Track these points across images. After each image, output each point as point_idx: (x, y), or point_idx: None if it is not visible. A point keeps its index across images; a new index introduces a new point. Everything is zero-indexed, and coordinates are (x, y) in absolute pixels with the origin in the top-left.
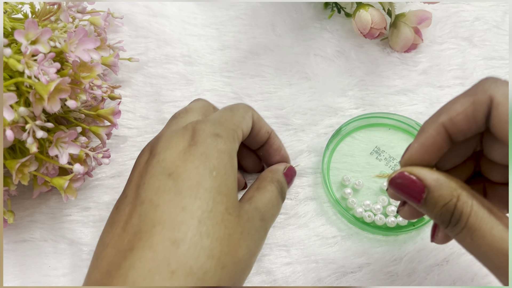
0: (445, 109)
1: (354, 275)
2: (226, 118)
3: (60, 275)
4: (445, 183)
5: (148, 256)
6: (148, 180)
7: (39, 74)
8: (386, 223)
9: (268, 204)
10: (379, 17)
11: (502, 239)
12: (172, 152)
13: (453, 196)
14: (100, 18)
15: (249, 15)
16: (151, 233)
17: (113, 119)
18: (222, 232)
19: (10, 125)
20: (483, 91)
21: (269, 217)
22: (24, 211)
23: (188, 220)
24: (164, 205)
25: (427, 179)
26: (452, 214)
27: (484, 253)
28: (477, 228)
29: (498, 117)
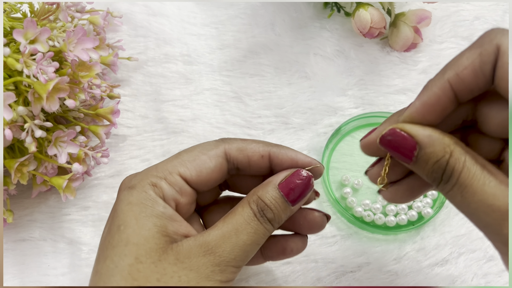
0: (450, 64)
1: (354, 275)
2: (159, 165)
3: (59, 274)
4: (438, 139)
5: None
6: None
7: (37, 73)
8: (385, 222)
9: (227, 233)
10: (378, 17)
11: (494, 196)
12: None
13: (445, 152)
14: (99, 17)
15: (248, 14)
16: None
17: (112, 119)
18: (129, 284)
19: (9, 125)
20: (490, 41)
21: (228, 249)
22: (23, 210)
23: (99, 284)
24: (91, 274)
25: (419, 135)
26: (444, 170)
27: (474, 211)
28: (468, 184)
29: (503, 66)
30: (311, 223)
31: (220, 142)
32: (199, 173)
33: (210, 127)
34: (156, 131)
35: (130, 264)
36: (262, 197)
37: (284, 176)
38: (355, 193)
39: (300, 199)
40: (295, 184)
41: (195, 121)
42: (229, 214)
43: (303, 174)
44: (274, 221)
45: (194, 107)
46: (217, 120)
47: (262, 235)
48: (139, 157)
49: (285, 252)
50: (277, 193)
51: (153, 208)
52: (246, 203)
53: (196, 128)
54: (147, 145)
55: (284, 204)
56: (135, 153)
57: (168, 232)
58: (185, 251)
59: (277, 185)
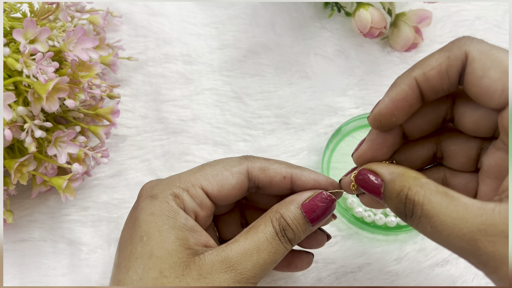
0: (419, 64)
1: (354, 275)
2: (182, 176)
3: (59, 274)
4: (398, 175)
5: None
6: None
7: (37, 73)
8: (386, 222)
9: (249, 250)
10: (379, 17)
11: (462, 219)
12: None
13: (404, 186)
14: (99, 17)
15: (248, 14)
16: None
17: (112, 119)
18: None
19: (9, 125)
20: (459, 47)
21: (249, 267)
22: (23, 210)
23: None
24: (111, 281)
25: (383, 174)
26: (405, 204)
27: (447, 239)
28: (433, 214)
29: (473, 73)
30: (311, 240)
31: (243, 160)
32: (220, 188)
33: (210, 127)
34: (156, 131)
35: (155, 277)
36: (284, 216)
37: (307, 196)
38: None
39: (321, 220)
40: (318, 206)
41: (195, 121)
42: (251, 230)
43: (326, 196)
44: (293, 241)
45: (194, 107)
46: (217, 120)
47: (282, 254)
48: (139, 157)
49: (290, 267)
50: (300, 214)
51: (175, 220)
52: (269, 221)
53: (196, 128)
54: (147, 145)
55: (306, 225)
56: (135, 153)
57: (190, 244)
58: (207, 266)
59: (301, 204)
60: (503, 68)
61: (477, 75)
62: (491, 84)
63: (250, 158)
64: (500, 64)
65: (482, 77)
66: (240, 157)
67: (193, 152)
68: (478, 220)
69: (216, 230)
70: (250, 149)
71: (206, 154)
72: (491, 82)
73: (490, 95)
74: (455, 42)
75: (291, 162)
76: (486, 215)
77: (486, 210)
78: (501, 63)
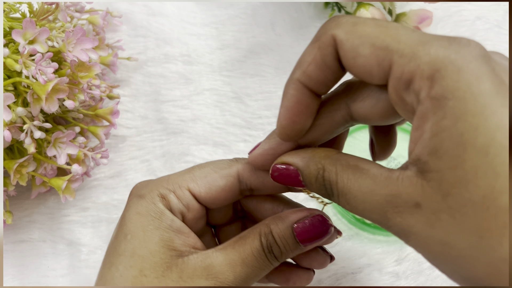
0: (297, 64)
1: (355, 276)
2: (171, 177)
3: (59, 275)
4: (310, 159)
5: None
6: None
7: (36, 74)
8: None
9: (234, 262)
10: (379, 17)
11: (372, 192)
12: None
13: (319, 169)
14: (98, 17)
15: (248, 14)
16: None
17: (111, 119)
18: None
19: (8, 126)
20: (325, 33)
21: (231, 278)
22: (22, 211)
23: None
24: (98, 277)
25: (295, 162)
26: (324, 186)
27: (362, 212)
28: (347, 191)
29: (346, 55)
30: (312, 260)
31: (233, 162)
32: (208, 190)
33: (210, 127)
34: (156, 131)
35: (134, 276)
36: (273, 232)
37: (302, 216)
38: None
39: (313, 243)
40: (311, 230)
41: (195, 122)
42: (239, 240)
43: (322, 221)
44: (280, 258)
45: (194, 107)
46: (217, 120)
47: (266, 269)
48: (139, 158)
49: (288, 283)
50: (290, 233)
51: (160, 221)
52: (257, 234)
53: (196, 129)
54: (146, 146)
55: (295, 244)
56: (135, 154)
57: (175, 246)
58: (189, 270)
59: (293, 223)
60: (371, 41)
61: (349, 56)
62: (366, 62)
63: (241, 160)
64: (367, 38)
65: (355, 57)
66: (231, 159)
67: (193, 153)
68: (384, 191)
69: (216, 239)
70: (250, 150)
71: (206, 154)
72: (365, 60)
73: (369, 73)
74: (321, 29)
75: None
76: (391, 185)
77: (392, 179)
78: (368, 37)
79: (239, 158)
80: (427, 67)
